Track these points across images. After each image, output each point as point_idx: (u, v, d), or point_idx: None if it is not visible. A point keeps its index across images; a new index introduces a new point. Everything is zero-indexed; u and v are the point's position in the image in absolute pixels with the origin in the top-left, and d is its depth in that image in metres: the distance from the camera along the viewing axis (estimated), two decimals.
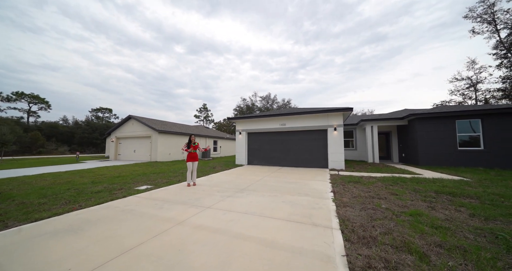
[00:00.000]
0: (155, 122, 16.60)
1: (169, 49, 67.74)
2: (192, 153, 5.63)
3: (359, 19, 45.24)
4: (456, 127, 9.83)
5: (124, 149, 16.55)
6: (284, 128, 10.59)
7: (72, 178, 7.00)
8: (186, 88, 78.22)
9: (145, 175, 7.70)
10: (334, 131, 9.33)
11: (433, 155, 10.03)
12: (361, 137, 14.30)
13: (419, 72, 51.97)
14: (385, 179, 6.14)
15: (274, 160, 10.79)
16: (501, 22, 17.88)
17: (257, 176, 7.21)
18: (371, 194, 4.40)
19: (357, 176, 6.98)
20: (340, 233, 2.52)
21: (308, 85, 62.55)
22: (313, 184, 5.69)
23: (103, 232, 2.61)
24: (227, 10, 56.91)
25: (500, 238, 2.26)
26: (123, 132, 16.48)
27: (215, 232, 2.59)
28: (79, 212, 3.44)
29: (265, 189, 5.14)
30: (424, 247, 2.09)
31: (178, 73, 74.25)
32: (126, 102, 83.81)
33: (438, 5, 34.96)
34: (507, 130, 8.97)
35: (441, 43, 40.83)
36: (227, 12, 57.49)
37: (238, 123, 12.01)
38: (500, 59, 18.78)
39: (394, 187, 5.08)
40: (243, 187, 5.35)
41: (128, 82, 76.88)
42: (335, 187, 5.21)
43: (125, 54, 67.92)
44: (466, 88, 22.08)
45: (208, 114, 52.08)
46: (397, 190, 4.66)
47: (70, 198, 4.32)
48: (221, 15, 59.02)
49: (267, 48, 60.05)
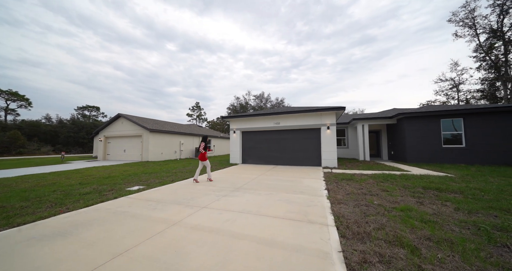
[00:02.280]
0: (146, 121, 16.14)
1: (160, 46, 65.98)
2: (205, 152, 6.25)
3: (349, 21, 46.36)
4: (440, 126, 10.32)
5: (113, 148, 15.98)
6: (278, 127, 10.65)
7: (58, 180, 6.67)
8: (179, 87, 76.61)
9: (137, 175, 7.49)
10: (327, 130, 9.50)
11: (420, 152, 10.49)
12: (352, 135, 14.68)
13: (405, 74, 54.39)
14: (376, 176, 6.35)
15: (269, 159, 10.84)
16: (480, 27, 18.95)
17: (252, 175, 7.21)
18: (363, 191, 4.53)
19: (349, 173, 7.17)
20: (335, 229, 2.58)
21: (300, 85, 63.30)
22: (308, 182, 5.78)
23: (94, 235, 2.52)
24: (220, 9, 56.28)
25: (482, 230, 2.40)
26: (112, 131, 15.89)
27: (212, 232, 2.57)
28: (67, 215, 3.28)
29: (261, 187, 5.16)
30: (415, 240, 2.18)
31: (170, 71, 72.54)
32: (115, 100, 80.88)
33: (422, 10, 37.01)
34: (486, 128, 9.53)
35: (425, 46, 43.20)
36: (220, 11, 56.87)
37: (232, 122, 11.93)
38: (479, 62, 19.91)
39: (385, 183, 5.26)
40: (239, 186, 5.33)
41: (117, 79, 74.19)
42: (329, 184, 5.32)
43: (114, 51, 65.40)
44: (450, 88, 23.28)
45: (201, 113, 51.35)
46: (388, 187, 4.83)
47: (56, 200, 4.11)
48: (214, 14, 58.25)
49: (260, 47, 60.10)
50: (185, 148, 17.91)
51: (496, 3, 17.41)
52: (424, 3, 36.27)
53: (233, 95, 50.84)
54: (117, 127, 15.68)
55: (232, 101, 44.62)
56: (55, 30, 53.80)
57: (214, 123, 50.00)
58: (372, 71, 55.71)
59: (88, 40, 59.31)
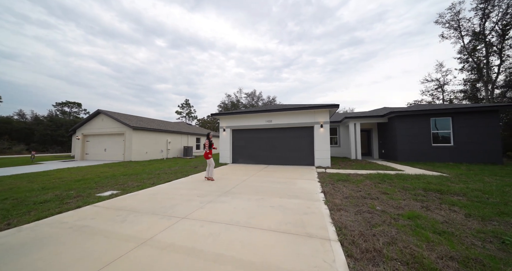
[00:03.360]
0: (130, 118, 15.05)
1: (149, 42, 62.96)
2: (211, 151, 6.21)
3: (338, 23, 47.08)
4: (430, 125, 10.39)
5: (92, 147, 14.75)
6: (270, 125, 10.21)
7: (17, 184, 5.78)
8: (168, 84, 73.76)
9: (114, 177, 6.72)
10: (320, 128, 9.19)
11: (410, 151, 10.51)
12: (344, 134, 14.59)
13: (390, 75, 56.46)
14: (372, 176, 6.09)
15: (260, 158, 10.39)
16: (464, 29, 19.61)
17: (242, 176, 6.72)
18: (362, 193, 4.19)
19: (344, 173, 6.88)
20: (339, 245, 2.15)
21: (292, 84, 63.29)
22: (302, 184, 5.38)
23: (31, 264, 1.90)
24: (211, 6, 54.62)
25: (508, 244, 2.09)
26: (91, 129, 14.64)
27: (189, 253, 2.05)
28: (3, 233, 2.60)
29: (251, 190, 4.68)
30: (437, 262, 1.80)
31: (160, 68, 69.58)
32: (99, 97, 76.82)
33: (406, 15, 38.65)
34: (472, 127, 9.70)
35: (408, 49, 45.17)
36: (212, 8, 55.21)
37: (222, 119, 11.32)
38: (462, 63, 20.67)
39: (382, 185, 4.98)
40: (227, 189, 4.81)
41: (102, 75, 70.27)
42: (325, 186, 4.95)
43: (98, 45, 61.62)
44: (435, 89, 24.06)
45: (191, 111, 49.78)
46: (386, 189, 4.54)
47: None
48: (205, 11, 56.45)
49: (252, 46, 59.19)
50: (172, 147, 17.02)
51: (478, 7, 18.05)
52: (408, 9, 37.90)
53: (224, 93, 49.80)
54: (96, 124, 14.46)
55: (223, 99, 43.62)
56: (33, 20, 49.61)
57: (205, 121, 48.73)
58: (359, 72, 57.33)
59: (70, 33, 55.52)
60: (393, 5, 38.88)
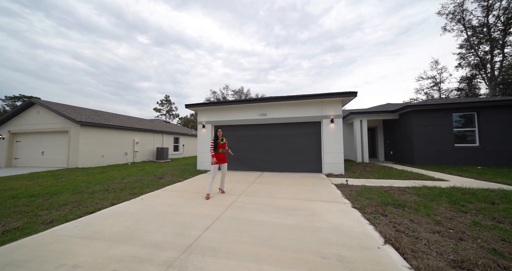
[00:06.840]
0: (79, 110, 11.62)
1: (131, 38, 57.46)
2: (220, 153, 4.23)
3: (321, 30, 48.40)
4: (452, 121, 8.83)
5: (25, 150, 11.06)
6: (265, 120, 7.84)
7: None
8: (151, 82, 67.72)
9: (20, 200, 3.82)
10: (331, 123, 7.03)
11: (429, 153, 8.85)
12: (346, 133, 12.73)
13: (367, 80, 59.24)
14: (424, 193, 4.00)
15: (252, 163, 7.97)
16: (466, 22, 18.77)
17: (224, 198, 4.23)
18: (467, 245, 1.97)
19: (375, 186, 4.73)
20: None
21: (278, 86, 62.01)
22: (329, 215, 3.07)
23: None
24: (198, 5, 51.70)
25: None
26: (22, 124, 10.94)
27: None
28: None
29: (242, 243, 2.24)
30: None
31: (142, 65, 63.75)
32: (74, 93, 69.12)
33: (380, 26, 41.31)
34: (501, 124, 8.27)
35: (383, 57, 48.12)
36: (198, 8, 52.24)
37: (201, 113, 8.69)
38: (460, 60, 19.90)
39: (467, 215, 2.86)
40: (189, 241, 2.31)
41: (76, 70, 62.99)
42: (375, 221, 2.69)
43: (73, 39, 54.96)
44: (431, 87, 23.57)
45: (172, 108, 45.61)
46: (486, 224, 2.39)
47: None
48: (191, 10, 53.08)
49: (239, 47, 57.11)
50: (142, 148, 13.87)
51: None
52: (382, 20, 40.56)
53: (209, 90, 46.55)
54: (30, 119, 10.81)
55: (208, 95, 40.41)
56: None
57: (188, 120, 44.96)
58: (340, 76, 59.83)
59: (39, 24, 48.42)
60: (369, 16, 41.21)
